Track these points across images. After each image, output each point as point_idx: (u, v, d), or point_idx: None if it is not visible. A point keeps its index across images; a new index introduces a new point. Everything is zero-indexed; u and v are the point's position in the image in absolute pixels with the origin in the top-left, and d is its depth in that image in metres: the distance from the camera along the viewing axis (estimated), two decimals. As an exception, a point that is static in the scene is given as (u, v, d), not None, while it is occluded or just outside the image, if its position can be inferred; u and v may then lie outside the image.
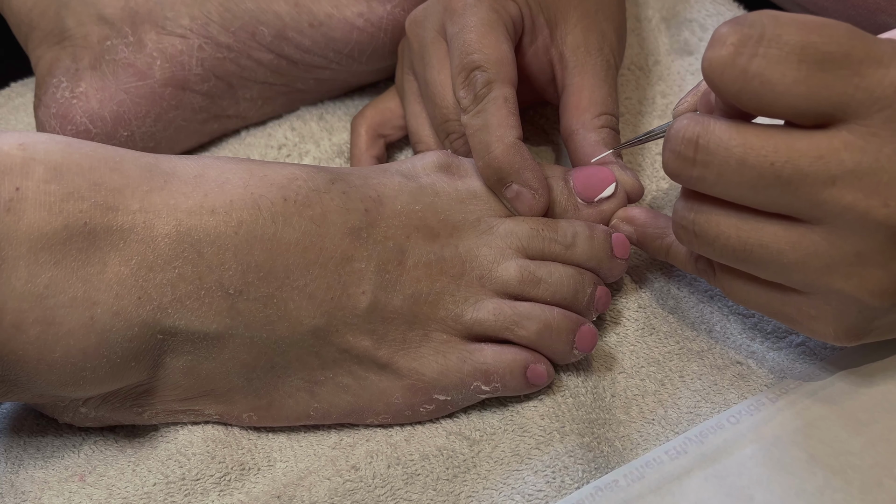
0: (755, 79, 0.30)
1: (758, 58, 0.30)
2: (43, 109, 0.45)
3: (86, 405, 0.37)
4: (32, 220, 0.34)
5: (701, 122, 0.32)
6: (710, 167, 0.32)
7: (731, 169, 0.31)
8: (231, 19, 0.45)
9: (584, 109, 0.41)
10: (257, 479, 0.38)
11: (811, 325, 0.34)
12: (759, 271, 0.33)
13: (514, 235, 0.39)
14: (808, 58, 0.29)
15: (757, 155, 0.31)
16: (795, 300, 0.34)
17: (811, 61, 0.29)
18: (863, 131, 0.30)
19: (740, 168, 0.31)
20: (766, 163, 0.31)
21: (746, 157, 0.31)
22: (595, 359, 0.40)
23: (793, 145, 0.30)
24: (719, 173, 0.32)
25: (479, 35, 0.39)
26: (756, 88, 0.30)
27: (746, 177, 0.31)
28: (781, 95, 0.30)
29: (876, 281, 0.31)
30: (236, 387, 0.38)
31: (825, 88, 0.30)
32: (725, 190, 0.32)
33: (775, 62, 0.30)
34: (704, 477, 0.35)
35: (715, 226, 0.33)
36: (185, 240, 0.35)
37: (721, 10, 0.50)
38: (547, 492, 0.36)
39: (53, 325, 0.34)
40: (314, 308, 0.36)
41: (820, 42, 0.29)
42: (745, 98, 0.31)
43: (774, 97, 0.30)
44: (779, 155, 0.30)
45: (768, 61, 0.30)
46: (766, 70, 0.30)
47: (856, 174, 0.30)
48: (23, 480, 0.38)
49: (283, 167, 0.38)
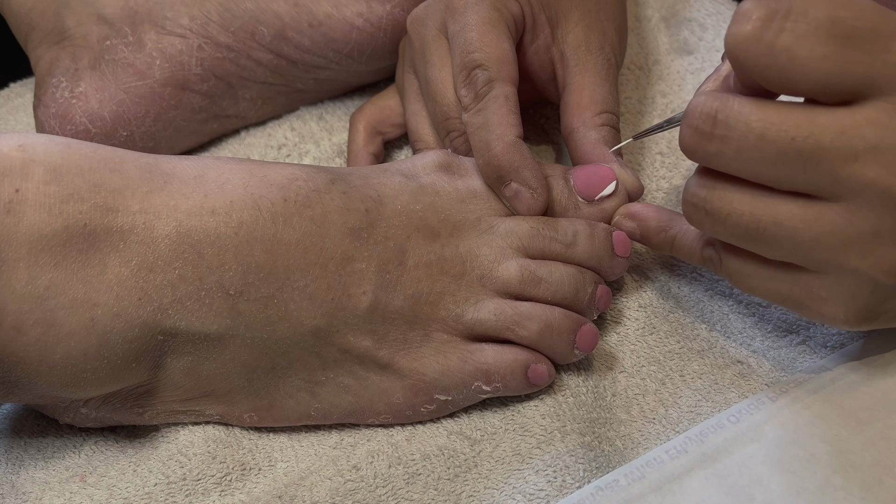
0: (782, 54, 0.29)
1: (785, 32, 0.29)
2: (42, 109, 0.45)
3: (86, 406, 0.37)
4: (32, 222, 0.34)
5: (720, 98, 0.31)
6: (729, 142, 0.31)
7: (749, 144, 0.31)
8: (230, 19, 0.45)
9: (584, 108, 0.41)
10: (258, 479, 0.38)
11: (821, 307, 0.34)
12: (771, 251, 0.33)
13: (514, 235, 0.39)
14: (836, 33, 0.29)
15: (777, 130, 0.30)
16: (806, 282, 0.33)
17: (840, 36, 0.29)
18: (888, 108, 0.29)
19: (759, 143, 0.30)
20: (786, 138, 0.30)
21: (766, 132, 0.30)
22: (596, 358, 0.40)
23: (815, 120, 0.30)
24: (738, 149, 0.31)
25: (481, 33, 0.39)
26: (782, 64, 0.29)
27: (766, 152, 0.31)
28: (808, 71, 0.29)
29: (892, 260, 0.31)
30: (237, 387, 0.38)
31: (853, 64, 0.29)
32: (743, 166, 0.31)
33: (803, 37, 0.29)
34: (705, 476, 0.35)
35: (728, 203, 0.33)
36: (185, 241, 0.35)
37: (721, 8, 0.50)
38: (548, 491, 0.36)
39: (54, 326, 0.34)
40: (315, 308, 0.36)
41: (848, 17, 0.29)
42: (771, 74, 0.30)
43: (801, 73, 0.29)
44: (800, 130, 0.30)
45: (796, 36, 0.29)
46: (793, 45, 0.29)
47: (879, 150, 0.29)
48: (24, 481, 0.38)
49: (282, 167, 0.38)
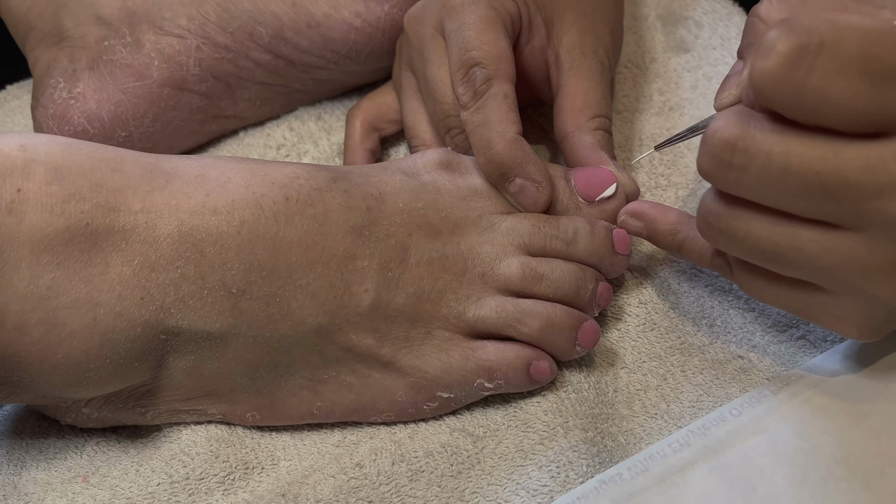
0: (813, 92, 0.28)
1: (817, 71, 0.28)
2: (40, 110, 0.45)
3: (88, 406, 0.37)
4: (34, 222, 0.34)
5: (740, 124, 0.30)
6: (749, 172, 0.30)
7: (771, 175, 0.30)
8: (229, 20, 0.45)
9: (578, 112, 0.41)
10: (261, 477, 0.38)
11: (834, 324, 0.34)
12: (788, 272, 0.33)
13: (515, 232, 0.39)
14: (869, 69, 0.28)
15: (801, 163, 0.29)
16: (820, 300, 0.33)
17: (873, 73, 0.28)
18: None
19: (782, 175, 0.30)
20: (810, 171, 0.29)
21: (790, 165, 0.30)
22: (597, 354, 0.40)
23: (840, 154, 0.29)
24: (758, 179, 0.30)
25: (478, 32, 0.39)
26: (812, 101, 0.29)
27: (788, 184, 0.30)
28: (839, 108, 0.28)
29: None
30: (239, 386, 0.38)
31: (886, 101, 0.28)
32: (763, 195, 0.31)
33: (835, 75, 0.28)
34: (708, 469, 0.35)
35: (745, 225, 0.32)
36: (187, 239, 0.35)
37: (716, 7, 0.50)
38: (551, 486, 0.36)
39: (56, 326, 0.34)
40: (317, 307, 0.36)
41: (882, 54, 0.28)
42: (799, 111, 0.29)
43: (831, 111, 0.29)
44: (825, 164, 0.29)
45: (828, 74, 0.28)
46: (825, 84, 0.28)
47: None
48: (26, 482, 0.37)
49: (284, 166, 0.38)
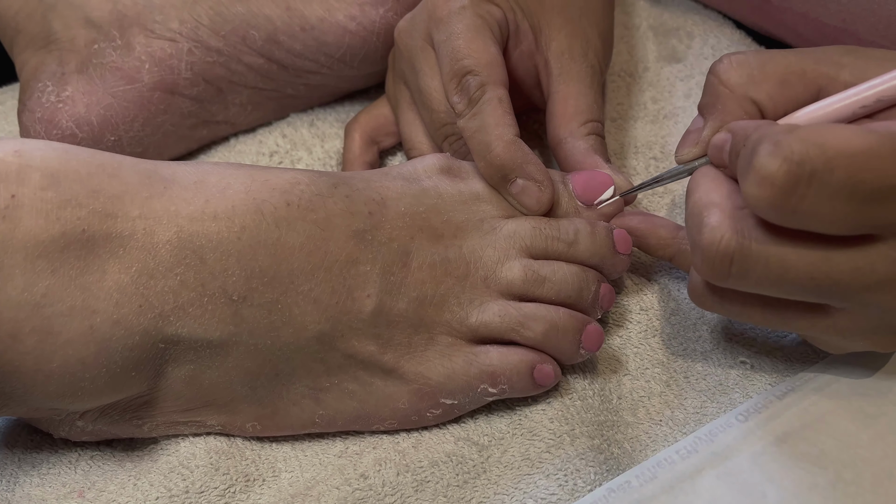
0: (805, 214, 0.30)
1: (809, 198, 0.30)
2: (27, 114, 0.43)
3: (83, 419, 0.36)
4: (29, 228, 0.33)
5: (736, 237, 0.32)
6: (747, 279, 0.32)
7: (768, 282, 0.32)
8: (221, 23, 0.44)
9: (570, 118, 0.41)
10: (262, 490, 0.37)
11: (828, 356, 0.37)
12: None
13: (517, 235, 0.39)
14: (859, 194, 0.30)
15: (796, 272, 0.32)
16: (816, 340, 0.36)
17: (861, 197, 0.30)
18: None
19: (778, 280, 0.32)
20: (805, 277, 0.32)
21: (786, 273, 0.32)
22: (600, 361, 0.40)
23: (831, 260, 0.31)
24: (756, 284, 0.32)
25: (467, 40, 0.39)
26: (805, 221, 0.31)
27: (783, 288, 0.32)
28: (830, 225, 0.30)
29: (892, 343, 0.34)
30: (240, 396, 0.37)
31: (873, 217, 0.30)
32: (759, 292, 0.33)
33: (826, 200, 0.30)
34: (717, 475, 0.35)
35: (740, 307, 0.35)
36: (186, 246, 0.35)
37: (707, 18, 0.50)
38: (560, 495, 0.36)
39: (51, 334, 0.33)
40: (319, 313, 0.36)
41: (871, 178, 0.30)
42: (791, 226, 0.31)
43: (822, 226, 0.31)
44: (818, 270, 0.31)
45: (819, 200, 0.30)
46: (817, 208, 0.30)
47: (891, 281, 0.31)
48: (20, 499, 0.36)
49: (284, 172, 0.38)
